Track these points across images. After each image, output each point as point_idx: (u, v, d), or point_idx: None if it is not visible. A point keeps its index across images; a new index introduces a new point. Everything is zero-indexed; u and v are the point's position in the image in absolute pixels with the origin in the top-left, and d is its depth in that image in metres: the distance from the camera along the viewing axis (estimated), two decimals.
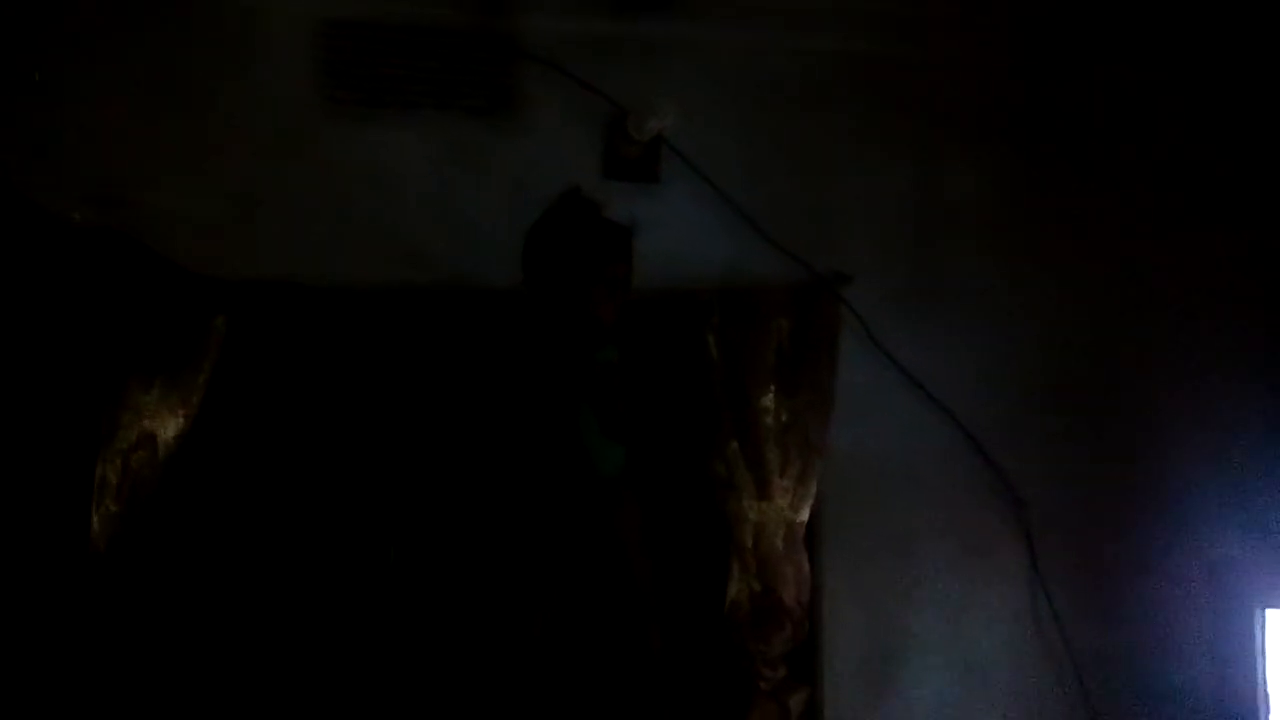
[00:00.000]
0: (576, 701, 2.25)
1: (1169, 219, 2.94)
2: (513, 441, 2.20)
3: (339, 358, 2.58)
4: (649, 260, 2.32)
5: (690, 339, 2.63)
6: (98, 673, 2.38)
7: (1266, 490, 2.84)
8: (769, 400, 2.62)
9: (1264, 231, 2.93)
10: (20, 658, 2.33)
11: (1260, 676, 2.73)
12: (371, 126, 2.67)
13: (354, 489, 2.57)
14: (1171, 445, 2.84)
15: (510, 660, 2.26)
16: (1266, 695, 2.72)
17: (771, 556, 2.60)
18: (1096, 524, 2.82)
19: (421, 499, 2.56)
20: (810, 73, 2.82)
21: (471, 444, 2.35)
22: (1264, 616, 2.73)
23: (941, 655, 2.76)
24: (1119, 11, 2.88)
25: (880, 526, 2.75)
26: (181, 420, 2.42)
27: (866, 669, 2.73)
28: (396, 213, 2.65)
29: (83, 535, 2.35)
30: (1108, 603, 2.80)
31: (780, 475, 2.61)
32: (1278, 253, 2.92)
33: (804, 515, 2.64)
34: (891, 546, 2.76)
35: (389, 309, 2.58)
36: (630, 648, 2.27)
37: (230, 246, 2.55)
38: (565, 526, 2.17)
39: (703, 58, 2.79)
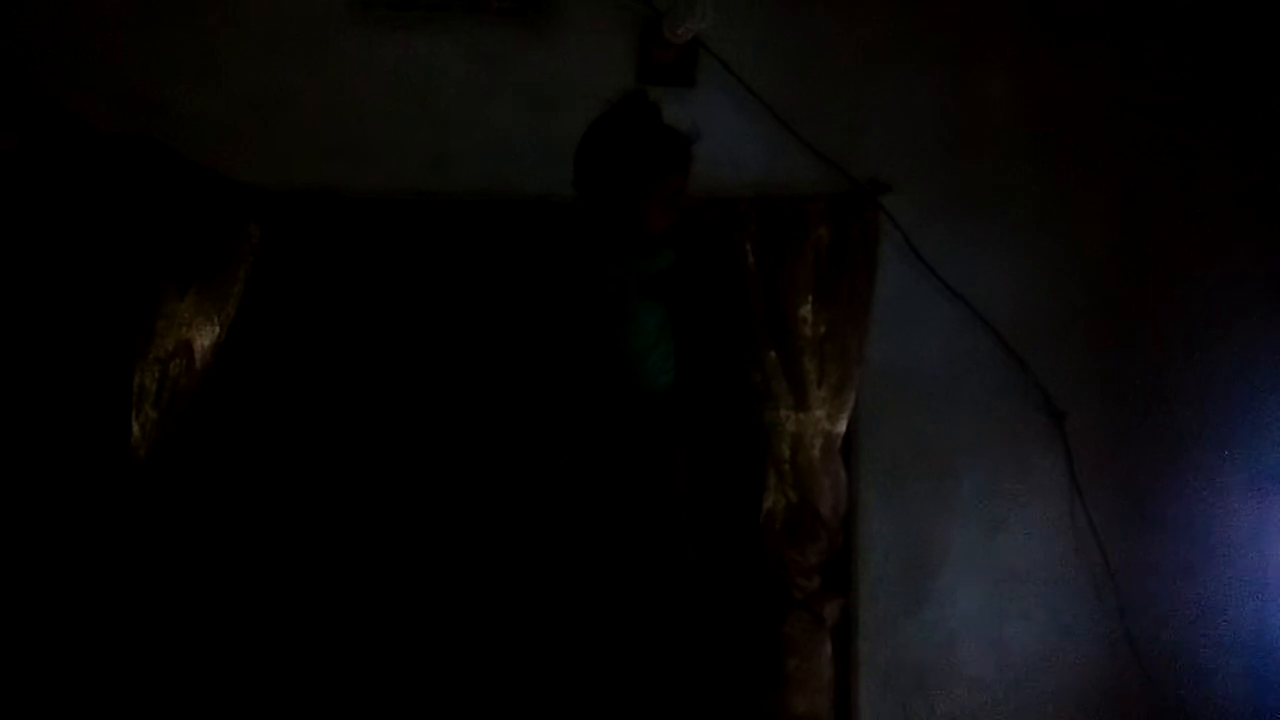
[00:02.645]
0: (610, 610, 2.26)
1: (1217, 119, 2.83)
2: (555, 353, 2.17)
3: (373, 267, 2.57)
4: None
5: (727, 248, 2.59)
6: (139, 582, 2.43)
7: None
8: (807, 310, 2.59)
9: None
10: (64, 566, 2.36)
11: None
12: (400, 31, 2.62)
13: (391, 399, 2.57)
14: (1215, 354, 2.78)
15: (549, 570, 2.28)
16: None
17: (808, 467, 2.59)
18: (1136, 435, 2.78)
19: (460, 409, 2.56)
20: None
21: (511, 356, 2.33)
22: None
23: (977, 567, 2.75)
24: None
25: (917, 438, 2.73)
26: (217, 328, 2.43)
27: (901, 580, 2.73)
28: (425, 119, 2.62)
29: (123, 443, 2.38)
30: (1146, 515, 2.77)
31: (818, 386, 2.60)
32: None
33: (841, 426, 2.63)
34: (928, 458, 2.74)
35: (424, 218, 2.56)
36: (666, 557, 2.27)
37: (256, 153, 2.53)
38: (610, 439, 2.14)
39: None
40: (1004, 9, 2.79)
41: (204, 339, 2.41)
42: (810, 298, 2.60)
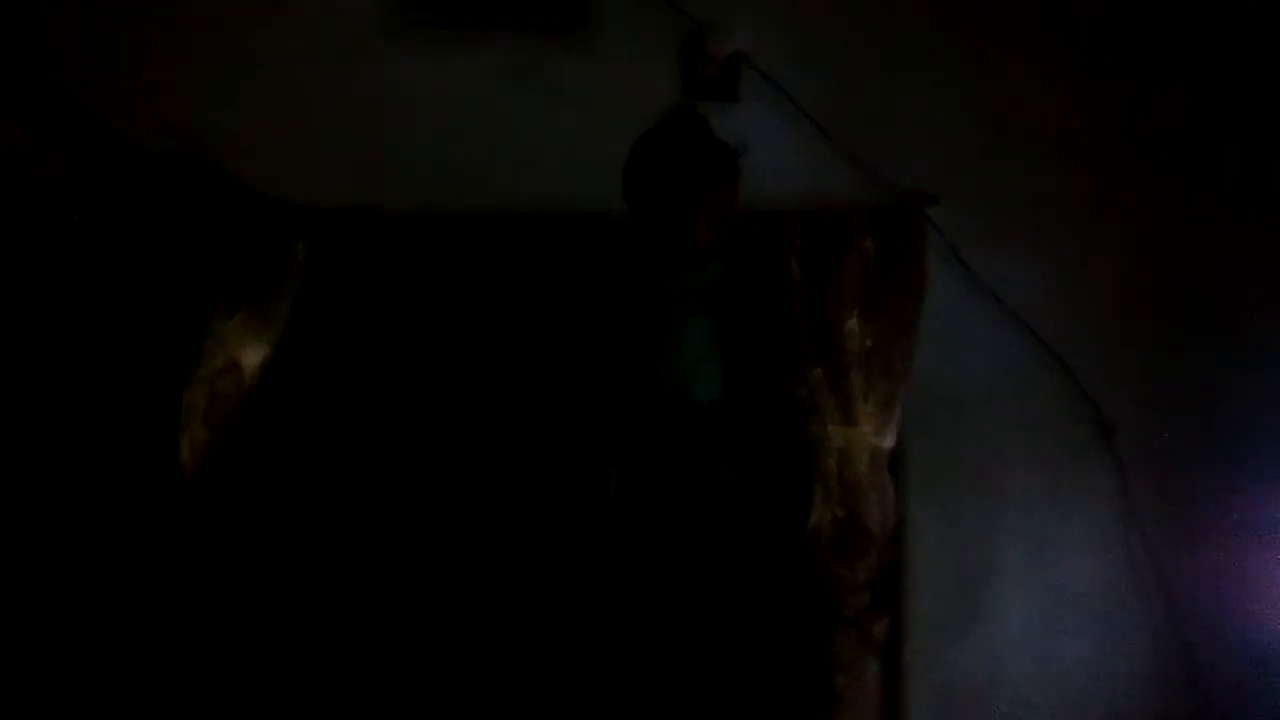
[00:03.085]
0: (657, 625, 2.24)
1: (1264, 118, 2.77)
2: (602, 368, 2.17)
3: (420, 284, 2.57)
4: None
5: (772, 261, 2.57)
6: (187, 600, 2.43)
7: None
8: (853, 324, 2.56)
9: None
10: (114, 584, 2.38)
11: None
12: (439, 46, 2.63)
13: (438, 415, 2.57)
14: (1269, 360, 2.71)
15: (596, 586, 2.27)
16: None
17: (855, 482, 2.56)
18: (1189, 446, 2.73)
19: (505, 424, 2.56)
20: None
21: (558, 371, 2.33)
22: None
23: (1027, 583, 2.71)
24: None
25: (966, 452, 2.70)
26: (265, 347, 2.45)
27: (951, 597, 2.70)
28: (465, 136, 2.61)
29: (173, 463, 2.39)
30: (1200, 529, 2.71)
31: (864, 400, 2.57)
32: None
33: (889, 441, 2.59)
34: (977, 472, 2.70)
35: (469, 235, 2.56)
36: (711, 571, 2.26)
37: (293, 170, 2.54)
38: (657, 452, 2.14)
39: None
40: (1040, 12, 2.76)
41: (252, 358, 2.42)
42: (856, 311, 2.57)
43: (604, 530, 2.24)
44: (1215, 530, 2.73)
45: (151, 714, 2.34)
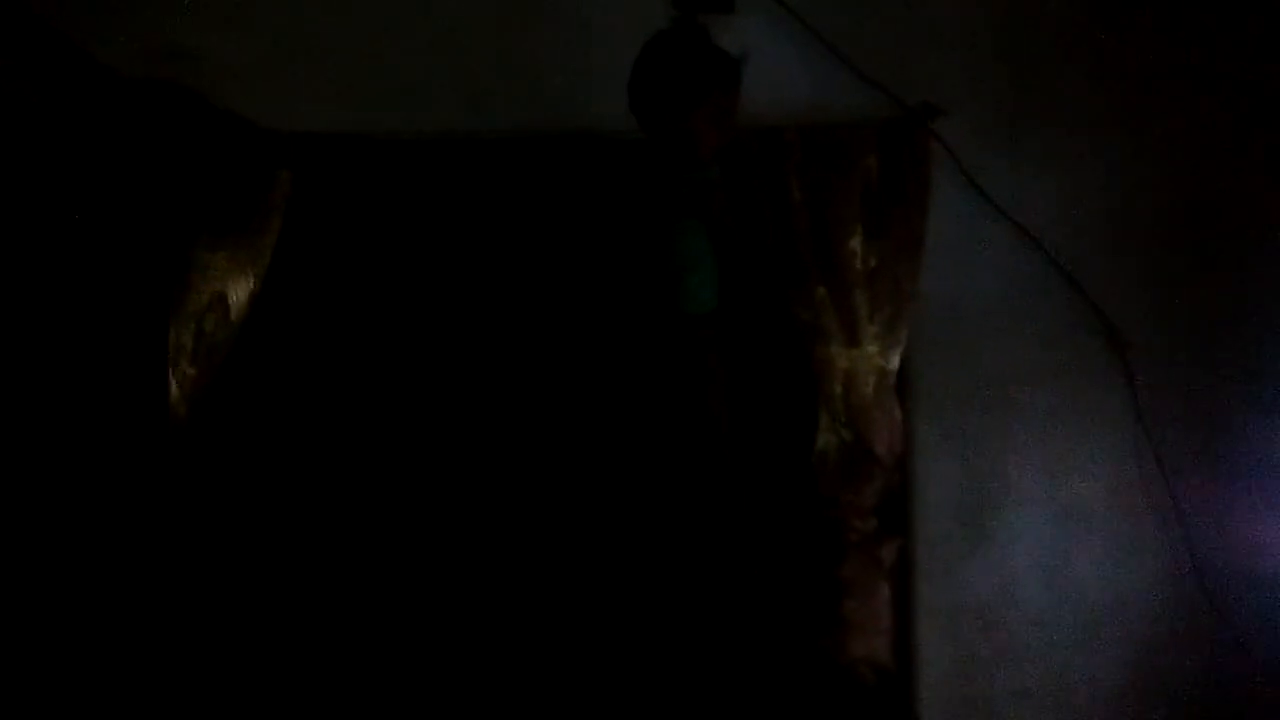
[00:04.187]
0: (656, 547, 2.22)
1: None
2: (594, 282, 2.14)
3: (409, 210, 2.52)
4: None
5: (772, 180, 2.51)
6: (182, 541, 2.42)
7: None
8: (856, 243, 2.51)
9: None
10: (107, 529, 2.36)
11: None
12: None
13: (433, 344, 2.54)
14: None
15: (590, 502, 2.25)
16: None
17: (861, 405, 2.53)
18: (1204, 365, 2.68)
19: (502, 346, 2.52)
20: None
21: (552, 290, 2.31)
22: None
23: (1039, 505, 2.67)
24: None
25: (974, 372, 2.64)
26: (252, 280, 2.40)
27: (960, 519, 2.66)
28: (457, 55, 2.55)
29: (162, 402, 2.36)
30: (1214, 447, 2.67)
31: (869, 321, 2.52)
32: None
33: (894, 362, 2.55)
34: (986, 392, 2.65)
35: (458, 158, 2.51)
36: (711, 494, 2.23)
37: (283, 95, 2.48)
38: (648, 365, 2.12)
39: None
40: None
41: (239, 291, 2.37)
42: (859, 229, 2.52)
43: (596, 441, 2.22)
44: (1229, 448, 2.69)
45: (142, 671, 2.33)
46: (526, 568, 2.54)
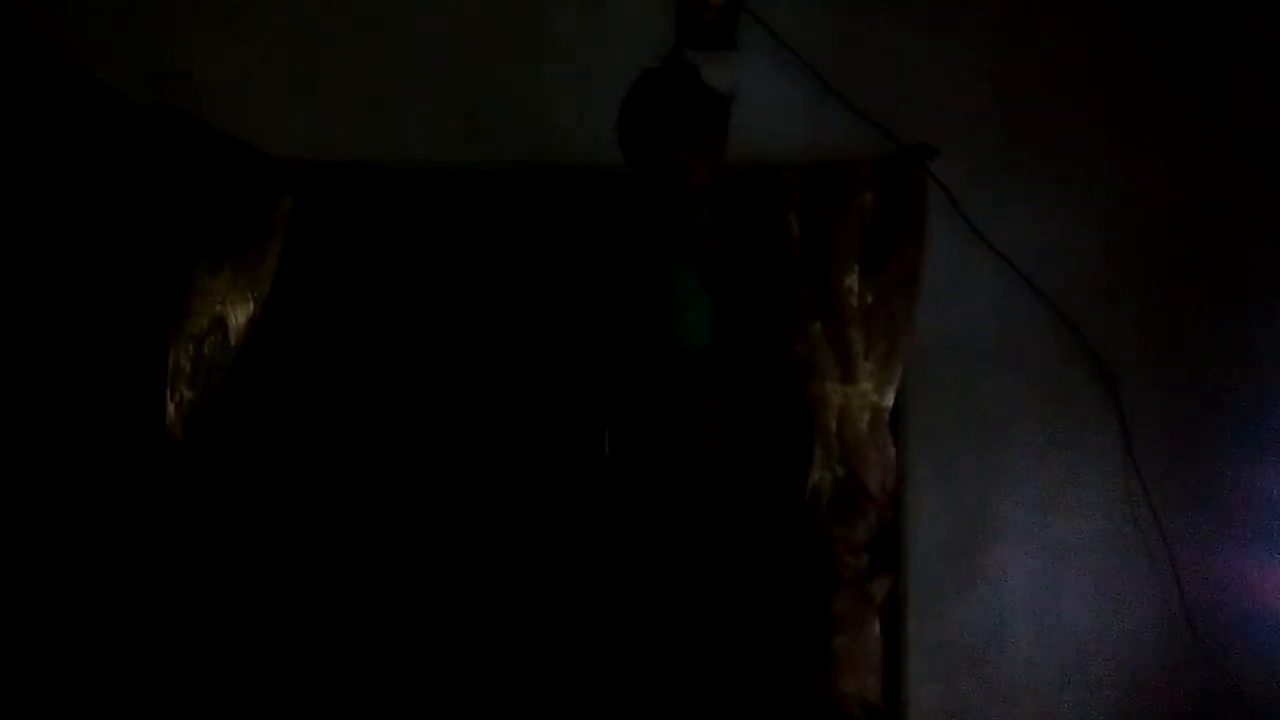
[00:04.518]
0: (649, 579, 2.22)
1: (1269, 71, 2.72)
2: (591, 316, 2.15)
3: (408, 238, 2.53)
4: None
5: (770, 216, 2.53)
6: (178, 562, 2.40)
7: None
8: (852, 280, 2.53)
9: None
10: (102, 549, 2.34)
11: None
12: None
13: (432, 375, 2.54)
14: (1273, 317, 2.67)
15: (585, 535, 2.25)
16: None
17: (855, 441, 2.53)
18: (1194, 403, 2.70)
19: (500, 383, 2.52)
20: None
21: (552, 326, 2.31)
22: None
23: (1029, 542, 2.68)
24: None
25: (967, 409, 2.66)
26: (251, 305, 2.41)
27: (951, 556, 2.67)
28: (458, 85, 2.57)
29: (159, 424, 2.35)
30: (1204, 485, 2.69)
31: (864, 358, 2.54)
32: None
33: (889, 399, 2.56)
34: (978, 430, 2.67)
35: (460, 188, 2.52)
36: (705, 529, 2.23)
37: (287, 123, 2.50)
38: (643, 400, 2.12)
39: None
40: None
41: (239, 315, 2.38)
42: (856, 266, 2.53)
43: (598, 489, 2.22)
44: (1219, 487, 2.70)
45: (139, 683, 2.31)
46: (521, 604, 2.53)
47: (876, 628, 2.58)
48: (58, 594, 2.27)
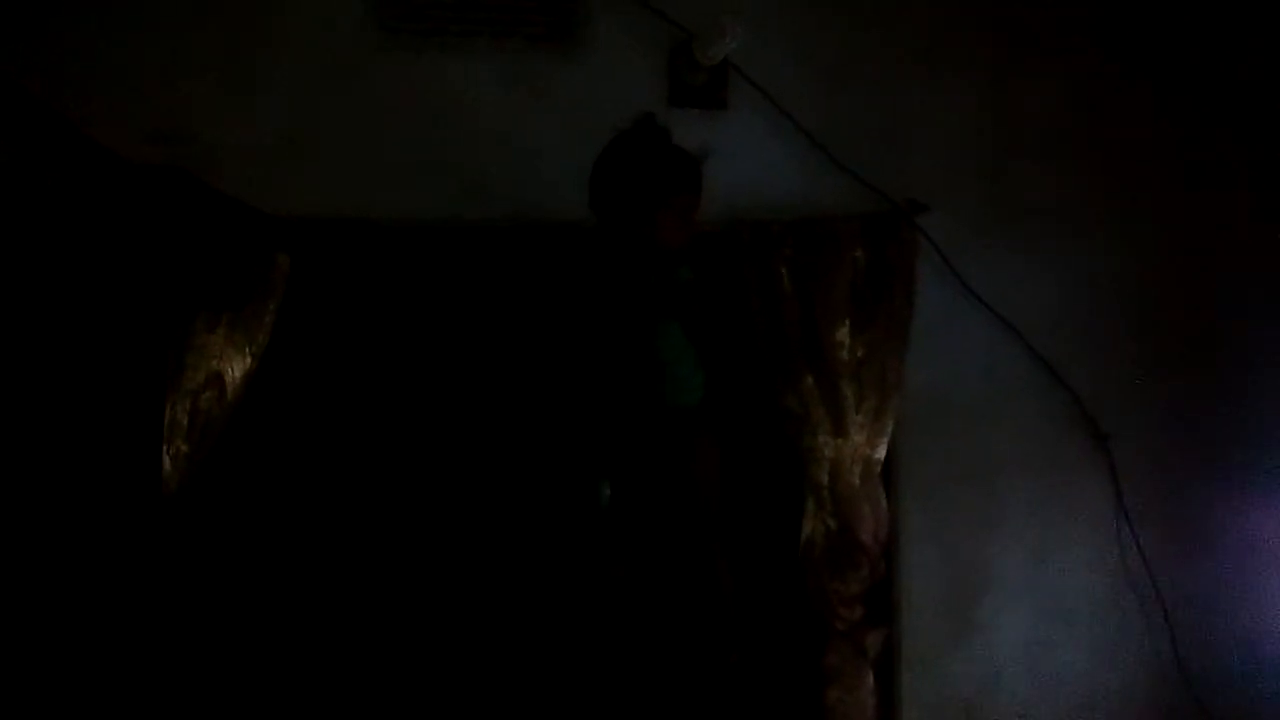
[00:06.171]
0: (644, 640, 2.22)
1: (1259, 134, 2.77)
2: (584, 373, 2.16)
3: (405, 294, 2.54)
4: (716, 190, 2.23)
5: (762, 272, 2.55)
6: (171, 615, 2.40)
7: None
8: (844, 334, 2.55)
9: None
10: (95, 601, 2.34)
11: None
12: (428, 55, 2.61)
13: (423, 427, 2.54)
14: (1265, 373, 2.71)
15: (580, 596, 2.24)
16: None
17: (848, 494, 2.54)
18: (1185, 458, 2.72)
19: (491, 434, 2.53)
20: None
21: (545, 382, 2.32)
22: None
23: (1022, 595, 2.69)
24: None
25: (959, 463, 2.68)
26: (249, 360, 2.42)
27: (945, 609, 2.67)
28: (456, 145, 2.59)
29: (155, 477, 2.35)
30: (1196, 538, 2.71)
31: (856, 411, 2.55)
32: None
33: (881, 452, 2.58)
34: (970, 483, 2.68)
35: (455, 245, 2.54)
36: (701, 586, 2.23)
37: (287, 181, 2.52)
38: (638, 458, 2.13)
39: None
40: (1038, 25, 2.75)
41: (235, 370, 2.39)
42: (847, 321, 2.55)
43: (596, 543, 2.22)
44: (1210, 539, 2.72)
45: None
46: (517, 654, 2.51)
47: (871, 680, 2.58)
48: (52, 640, 2.27)
